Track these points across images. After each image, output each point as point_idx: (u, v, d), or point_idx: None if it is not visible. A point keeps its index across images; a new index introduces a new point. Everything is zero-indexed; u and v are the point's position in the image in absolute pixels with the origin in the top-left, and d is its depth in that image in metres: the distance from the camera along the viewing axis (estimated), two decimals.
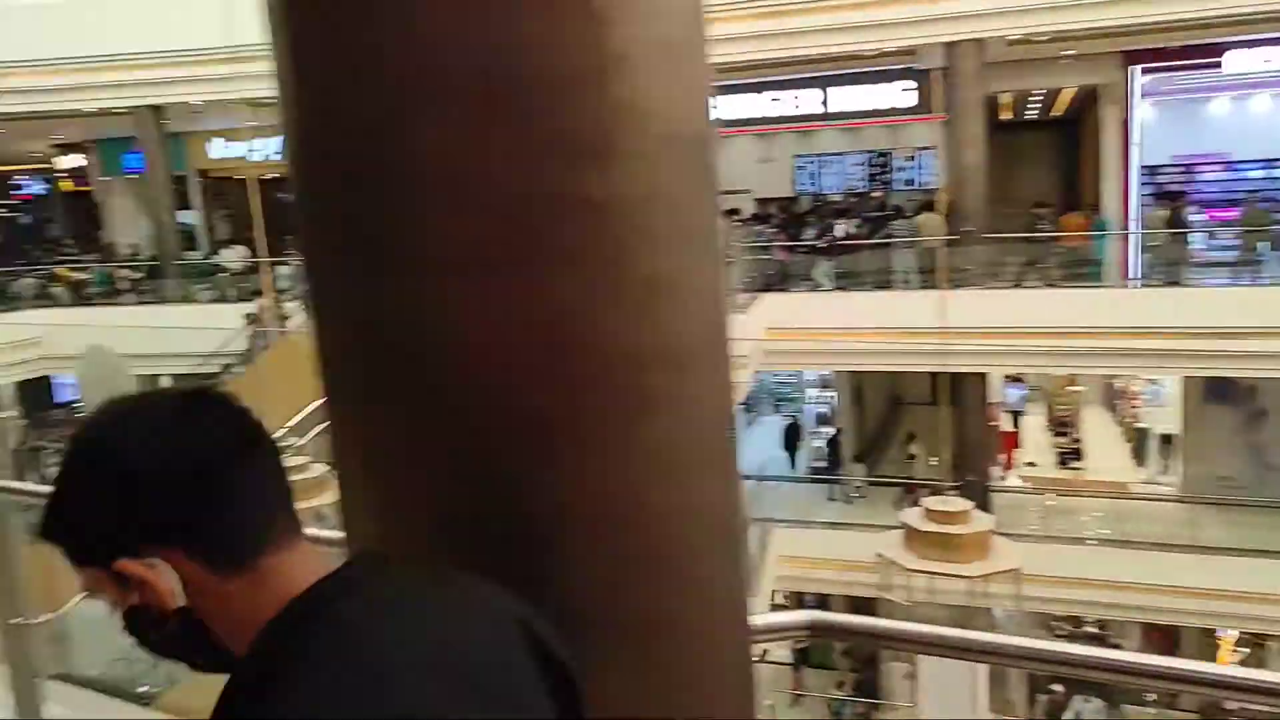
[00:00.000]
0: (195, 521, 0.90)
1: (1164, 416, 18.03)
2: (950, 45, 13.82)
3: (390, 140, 1.02)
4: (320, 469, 6.26)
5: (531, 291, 1.03)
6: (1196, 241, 15.61)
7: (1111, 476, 17.29)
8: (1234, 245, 15.12)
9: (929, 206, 15.34)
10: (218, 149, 20.46)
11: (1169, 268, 14.45)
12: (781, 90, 18.11)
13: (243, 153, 16.95)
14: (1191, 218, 15.42)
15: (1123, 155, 16.58)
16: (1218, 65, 15.77)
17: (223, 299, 16.83)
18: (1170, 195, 16.45)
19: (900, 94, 17.58)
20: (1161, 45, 15.55)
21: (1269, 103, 18.20)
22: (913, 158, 18.79)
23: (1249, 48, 15.51)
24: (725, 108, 18.37)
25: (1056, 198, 17.31)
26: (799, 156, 19.36)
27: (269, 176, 15.03)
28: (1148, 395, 18.82)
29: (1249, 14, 13.39)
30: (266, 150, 16.43)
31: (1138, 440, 18.49)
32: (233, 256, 17.96)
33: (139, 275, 18.62)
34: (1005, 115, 18.58)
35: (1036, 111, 19.08)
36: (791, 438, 18.66)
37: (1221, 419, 16.51)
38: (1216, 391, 16.49)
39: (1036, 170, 18.90)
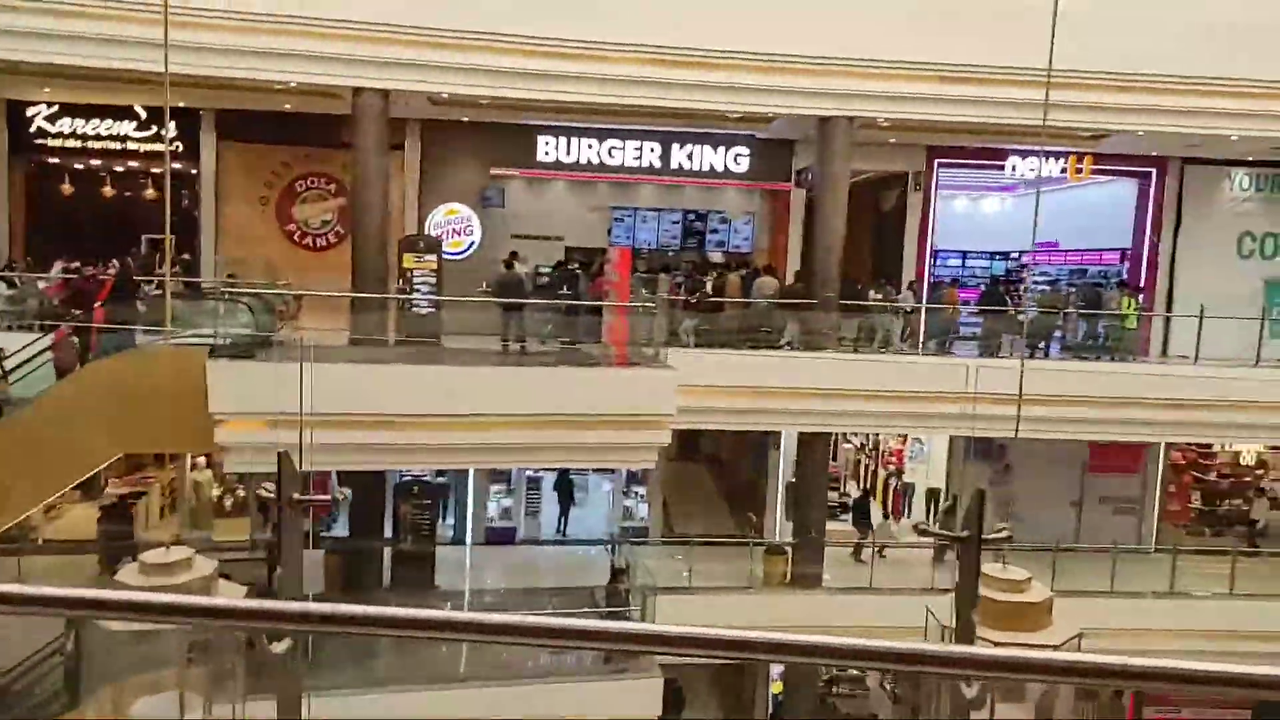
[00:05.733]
0: None
1: (926, 471, 19.89)
2: (823, 121, 14.40)
3: None
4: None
5: None
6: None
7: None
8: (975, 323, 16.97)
9: (763, 270, 15.88)
10: None
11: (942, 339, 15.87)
12: (609, 139, 18.02)
13: None
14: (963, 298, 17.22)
15: (919, 239, 18.33)
16: (1000, 167, 17.97)
17: None
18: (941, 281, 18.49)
19: (734, 160, 18.19)
20: (962, 145, 17.52)
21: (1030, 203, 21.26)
22: (727, 221, 19.38)
23: (1023, 157, 17.87)
24: (545, 149, 17.97)
25: (865, 273, 18.64)
26: (616, 208, 19.22)
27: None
28: (912, 452, 20.62)
29: (1029, 127, 15.36)
30: None
31: (905, 494, 20.19)
32: None
33: None
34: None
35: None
36: (565, 490, 18.21)
37: (979, 473, 18.59)
38: (975, 449, 18.59)
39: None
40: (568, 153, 17.99)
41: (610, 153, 18.10)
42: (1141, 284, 17.58)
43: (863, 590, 13.65)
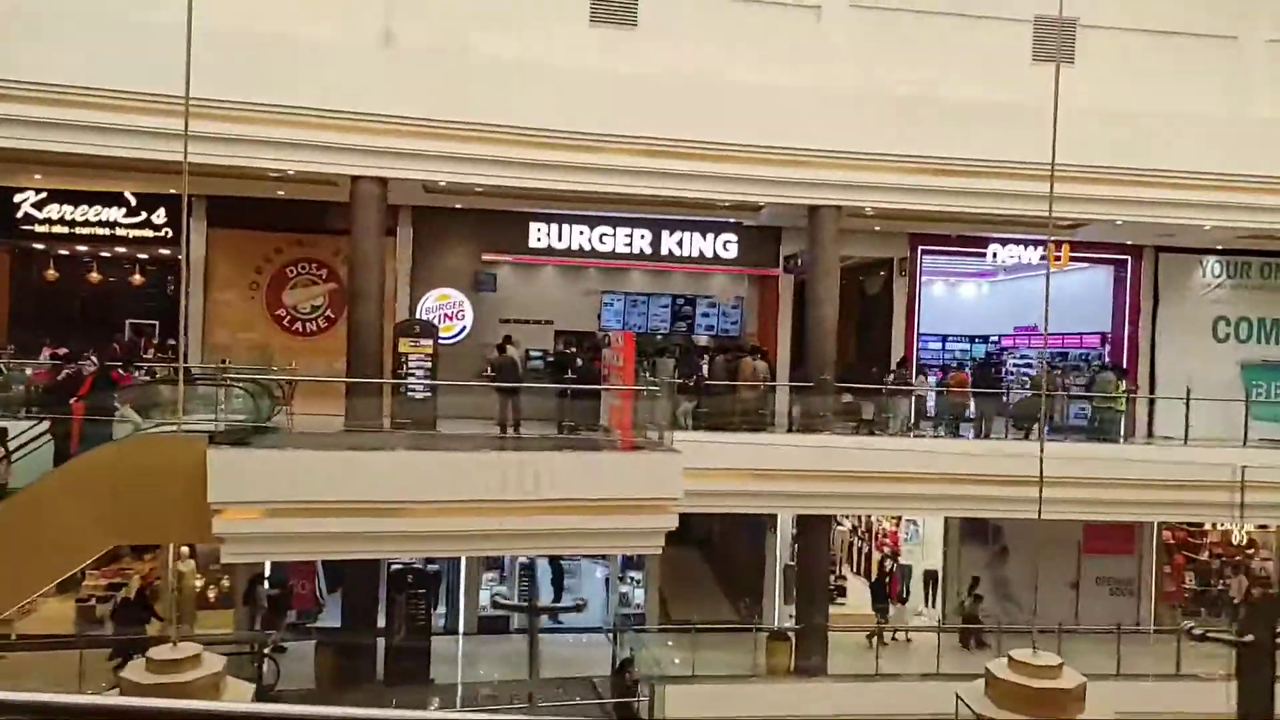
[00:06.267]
0: None
1: (921, 553, 19.77)
2: (813, 210, 14.73)
3: None
4: None
5: None
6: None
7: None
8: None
9: (753, 352, 16.01)
10: None
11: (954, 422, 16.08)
12: (600, 225, 18.30)
13: None
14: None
15: (906, 322, 18.64)
16: (981, 254, 18.43)
17: None
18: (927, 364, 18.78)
19: (722, 246, 18.51)
20: (944, 233, 17.99)
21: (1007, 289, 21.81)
22: (715, 305, 19.60)
23: (1003, 244, 18.36)
24: (537, 236, 18.20)
25: (851, 356, 18.85)
26: (606, 293, 19.37)
27: None
28: (906, 534, 20.54)
29: (1010, 216, 15.85)
30: None
31: (903, 577, 20.00)
32: None
33: None
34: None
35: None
36: (556, 578, 17.87)
37: (976, 556, 18.57)
38: (970, 531, 18.62)
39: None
40: (559, 239, 18.22)
41: (601, 239, 18.35)
42: (1124, 367, 17.91)
43: (886, 678, 13.38)
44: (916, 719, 12.62)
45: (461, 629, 17.01)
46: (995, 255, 18.36)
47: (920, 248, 18.55)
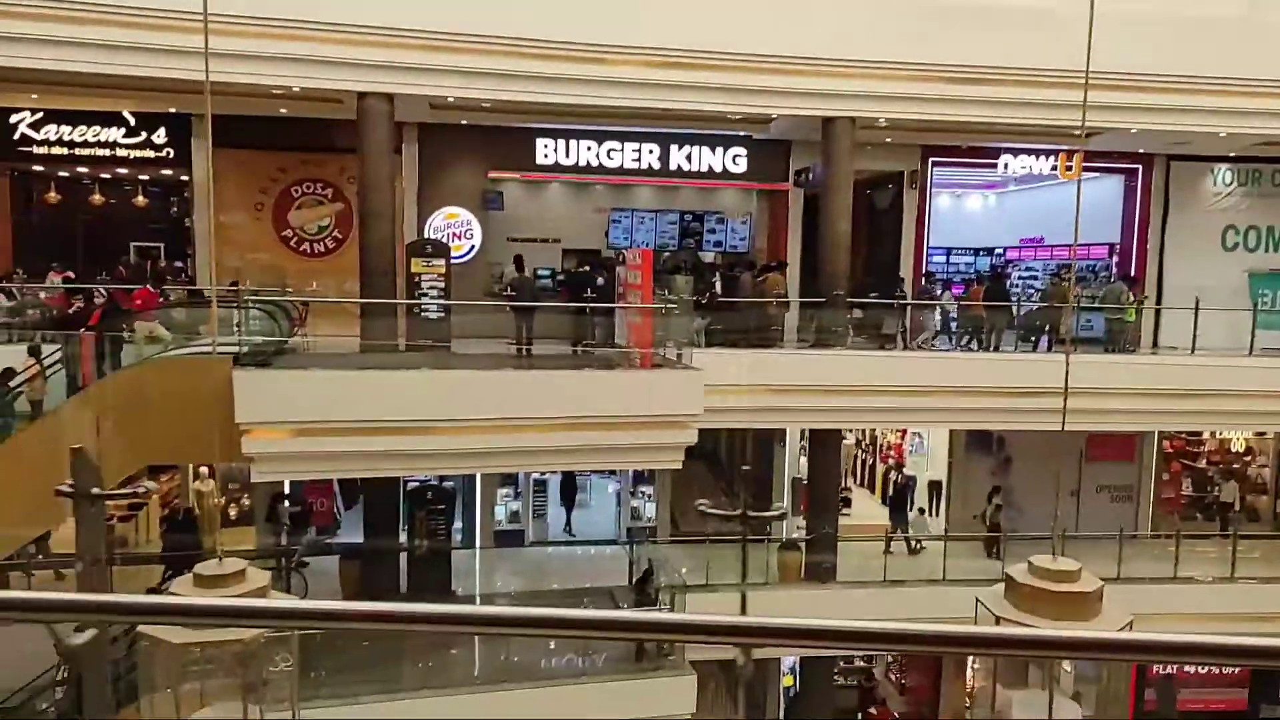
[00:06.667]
0: None
1: (926, 464, 20.14)
2: (827, 122, 14.54)
3: None
4: None
5: None
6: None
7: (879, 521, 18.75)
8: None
9: (779, 267, 15.99)
10: None
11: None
12: (607, 141, 18.05)
13: None
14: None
15: (916, 237, 18.59)
16: (993, 165, 18.27)
17: None
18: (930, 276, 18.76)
19: (732, 160, 18.30)
20: (955, 144, 17.80)
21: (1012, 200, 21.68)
22: (724, 221, 19.47)
23: (1015, 155, 18.20)
24: (544, 152, 17.98)
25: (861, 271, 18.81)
26: (615, 210, 19.22)
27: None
28: (911, 446, 20.86)
29: (1021, 127, 15.65)
30: None
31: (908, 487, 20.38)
32: None
33: None
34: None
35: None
36: (569, 492, 18.34)
37: (980, 465, 18.93)
38: (975, 442, 18.93)
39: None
40: (566, 155, 17.98)
41: (609, 155, 18.11)
42: (1134, 277, 17.96)
43: (900, 584, 13.78)
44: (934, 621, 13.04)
45: (478, 543, 17.39)
46: (1006, 166, 18.21)
47: (932, 160, 18.37)
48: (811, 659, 15.90)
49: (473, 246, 17.91)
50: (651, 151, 18.15)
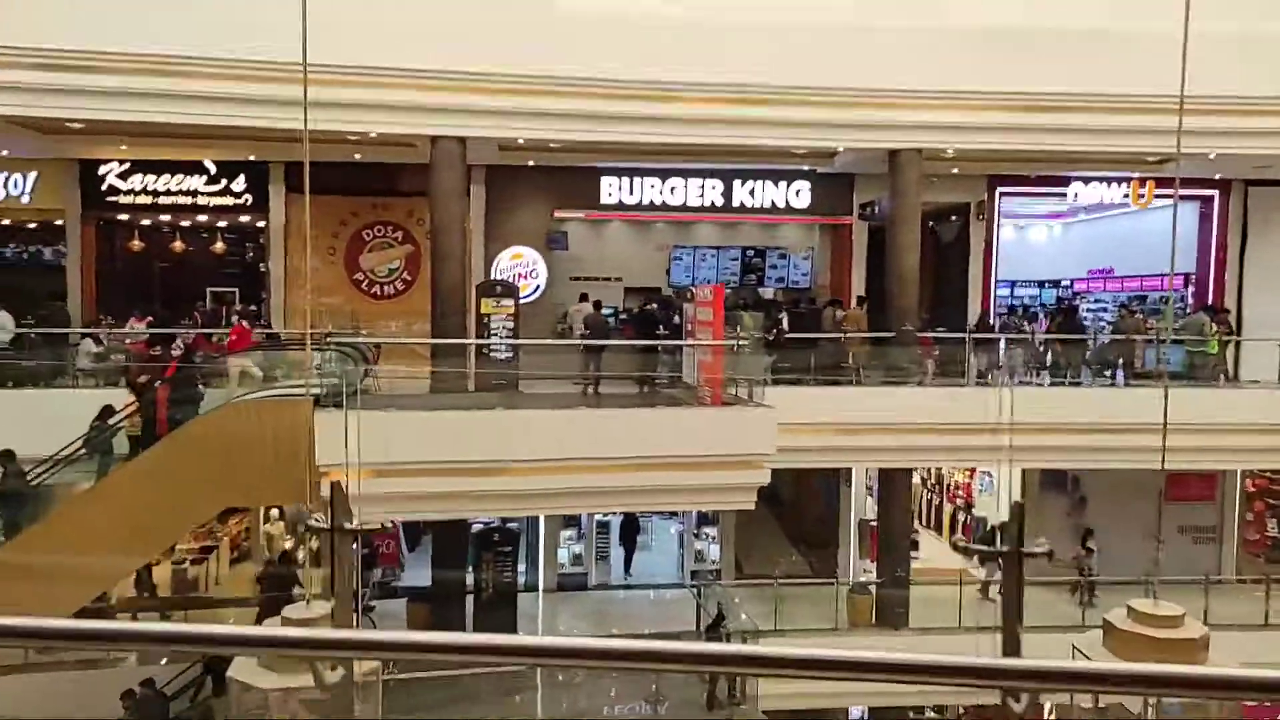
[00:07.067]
0: None
1: (994, 504, 19.60)
2: (893, 154, 14.46)
3: None
4: None
5: None
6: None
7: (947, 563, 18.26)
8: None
9: (859, 302, 15.84)
10: None
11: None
12: (671, 178, 18.15)
13: None
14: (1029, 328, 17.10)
15: (984, 269, 18.32)
16: (1062, 194, 17.97)
17: None
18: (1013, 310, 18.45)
19: (795, 195, 18.28)
20: (1023, 173, 17.57)
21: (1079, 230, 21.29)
22: (785, 256, 19.41)
23: (1085, 183, 17.88)
24: (609, 190, 18.13)
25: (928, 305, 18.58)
26: (676, 247, 19.28)
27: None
28: (981, 485, 20.36)
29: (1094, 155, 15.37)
30: None
31: (977, 528, 19.88)
32: None
33: None
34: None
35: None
36: (630, 534, 18.20)
37: (1054, 505, 18.39)
38: (1048, 480, 18.43)
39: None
40: (630, 193, 18.14)
41: (672, 191, 18.22)
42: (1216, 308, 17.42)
43: (976, 629, 13.37)
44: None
45: (542, 586, 17.33)
46: (1076, 195, 17.89)
47: (999, 190, 18.13)
48: (880, 708, 15.51)
49: (538, 286, 18.08)
50: (714, 188, 18.22)
